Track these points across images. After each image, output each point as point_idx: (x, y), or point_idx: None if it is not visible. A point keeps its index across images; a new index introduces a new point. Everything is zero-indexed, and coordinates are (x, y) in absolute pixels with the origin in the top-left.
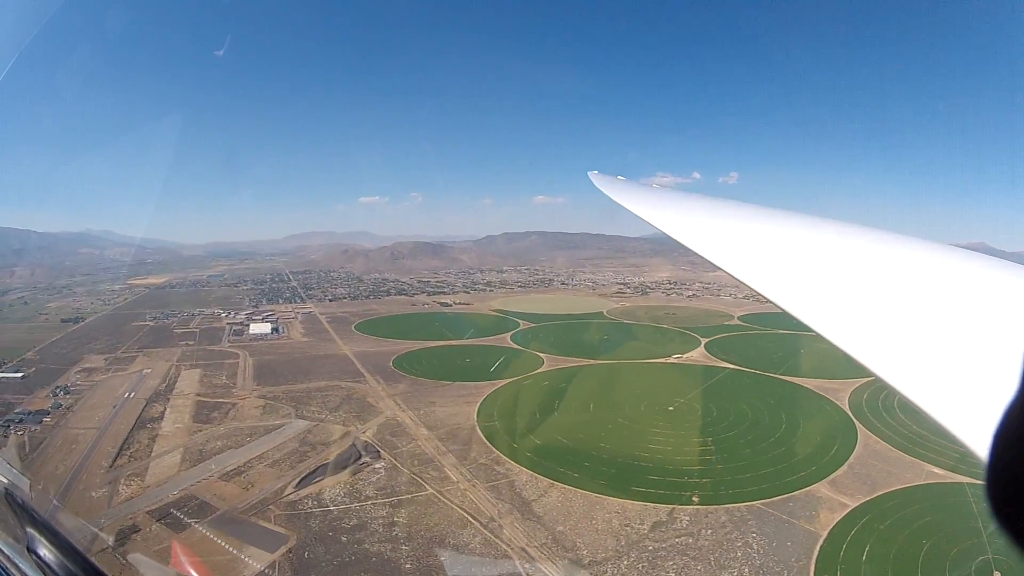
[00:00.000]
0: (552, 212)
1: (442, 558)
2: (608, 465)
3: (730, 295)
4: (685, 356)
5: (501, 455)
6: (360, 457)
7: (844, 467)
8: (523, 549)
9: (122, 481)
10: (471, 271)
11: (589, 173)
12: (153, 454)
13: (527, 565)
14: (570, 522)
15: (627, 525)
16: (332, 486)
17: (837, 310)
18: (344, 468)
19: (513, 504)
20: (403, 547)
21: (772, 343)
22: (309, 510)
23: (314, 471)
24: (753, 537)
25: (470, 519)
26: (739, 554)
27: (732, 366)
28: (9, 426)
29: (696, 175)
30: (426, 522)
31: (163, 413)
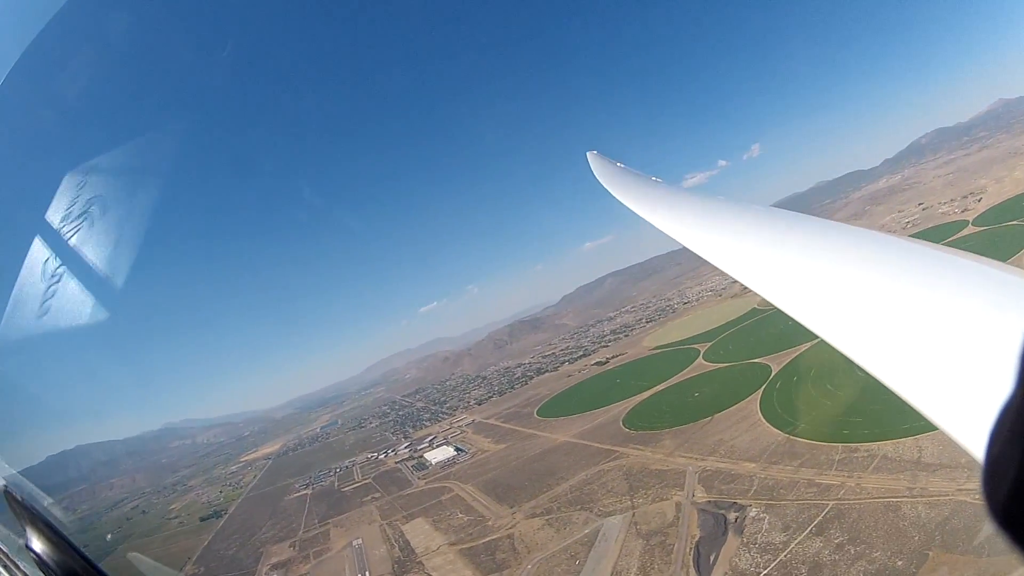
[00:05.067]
0: (605, 252)
1: None
2: None
3: None
4: None
5: (848, 444)
6: (724, 518)
7: None
8: None
9: None
10: (582, 329)
11: (588, 154)
12: None
13: None
14: None
15: None
16: (735, 554)
17: (835, 311)
18: (724, 535)
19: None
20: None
21: None
22: None
23: (697, 555)
24: None
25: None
26: None
27: None
28: None
29: (722, 163)
30: (881, 530)
31: None
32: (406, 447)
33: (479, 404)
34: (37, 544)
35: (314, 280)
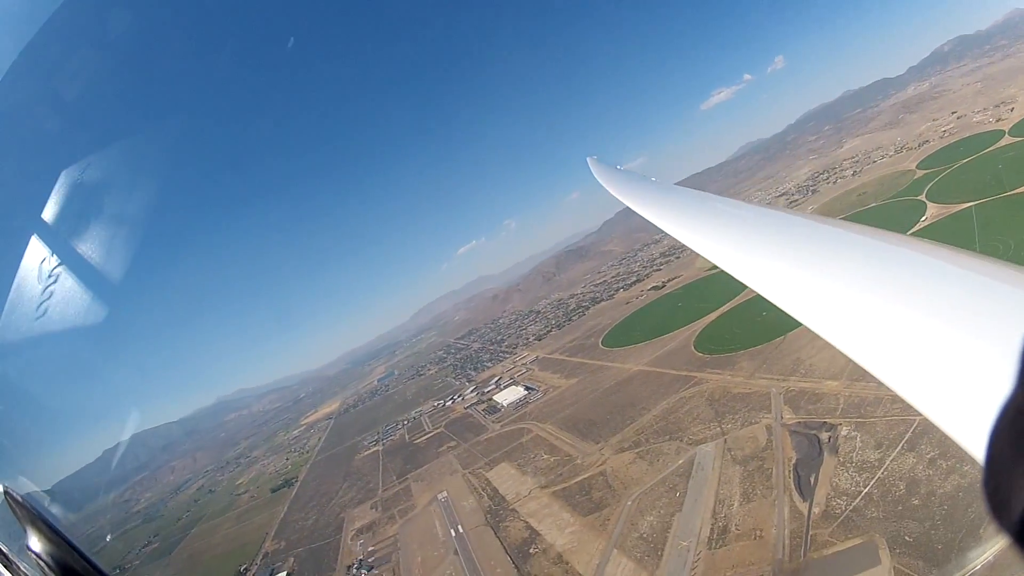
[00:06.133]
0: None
1: None
2: None
3: (881, 157)
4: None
5: None
6: (817, 438)
7: None
8: None
9: None
10: (629, 254)
11: (588, 159)
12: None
13: None
14: None
15: None
16: (834, 474)
17: (835, 310)
18: (819, 455)
19: None
20: None
21: (975, 169)
22: (856, 507)
23: (797, 478)
24: None
25: None
26: None
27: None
28: None
29: (747, 76)
30: None
31: (533, 536)
32: (472, 391)
33: (539, 340)
34: (37, 544)
35: (348, 232)
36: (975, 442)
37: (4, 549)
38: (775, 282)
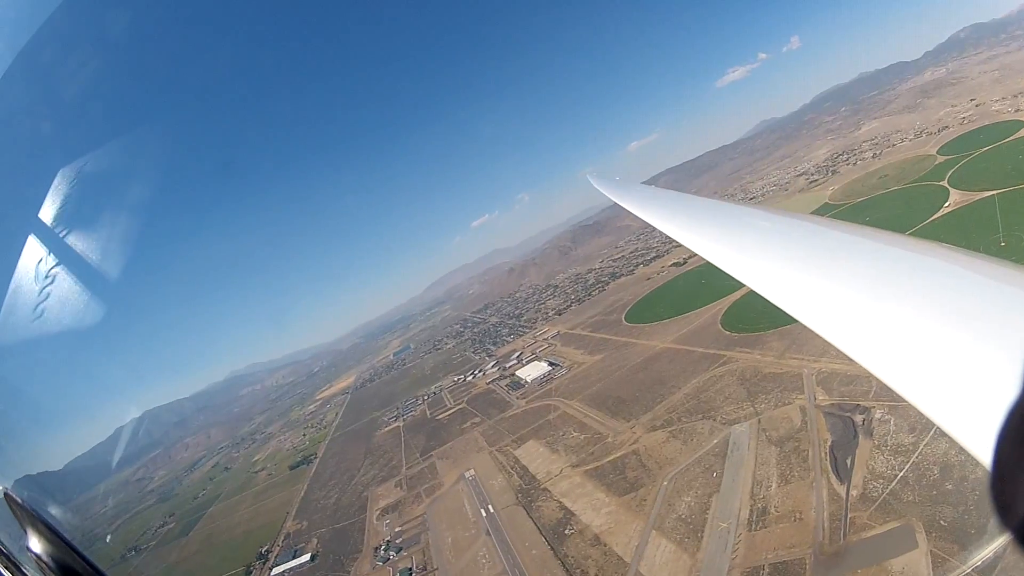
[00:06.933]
0: (654, 150)
1: None
2: None
3: (901, 141)
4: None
5: None
6: (852, 421)
7: None
8: None
9: None
10: (647, 229)
11: (588, 175)
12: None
13: None
14: None
15: None
16: (870, 457)
17: (839, 314)
18: (855, 438)
19: None
20: None
21: (996, 158)
22: (892, 491)
23: (834, 460)
24: None
25: None
26: None
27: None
28: None
29: (763, 55)
30: None
31: (567, 516)
32: (493, 366)
33: (559, 314)
34: (37, 545)
35: (360, 204)
36: (980, 445)
37: (4, 549)
38: (781, 286)
